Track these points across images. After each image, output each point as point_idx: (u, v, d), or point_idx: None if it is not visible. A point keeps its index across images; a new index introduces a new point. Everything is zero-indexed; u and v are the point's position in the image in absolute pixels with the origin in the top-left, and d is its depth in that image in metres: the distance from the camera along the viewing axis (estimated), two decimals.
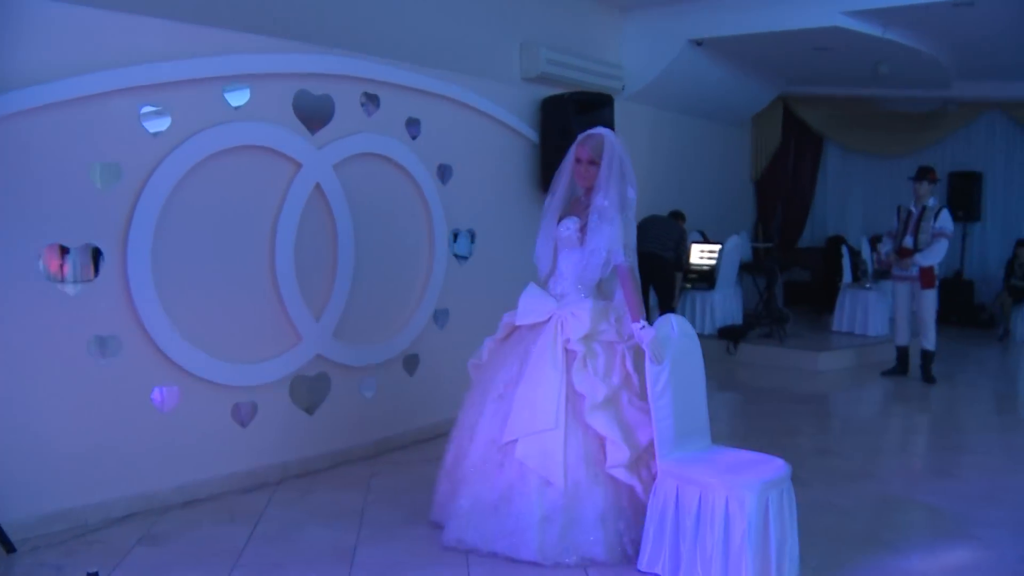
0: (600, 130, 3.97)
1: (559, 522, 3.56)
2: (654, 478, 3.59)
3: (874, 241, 10.87)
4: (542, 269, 4.02)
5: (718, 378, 7.88)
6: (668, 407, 3.59)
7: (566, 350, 3.73)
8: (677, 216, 8.65)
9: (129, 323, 4.15)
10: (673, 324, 3.73)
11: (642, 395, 3.65)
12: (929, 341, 7.52)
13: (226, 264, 4.51)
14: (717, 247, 8.90)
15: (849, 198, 12.34)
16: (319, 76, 4.84)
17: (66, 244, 4.01)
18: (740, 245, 9.17)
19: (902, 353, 7.83)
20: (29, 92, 3.75)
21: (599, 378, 3.66)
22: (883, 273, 10.19)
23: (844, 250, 9.34)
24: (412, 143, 5.43)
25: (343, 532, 4.02)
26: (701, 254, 8.99)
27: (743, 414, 6.78)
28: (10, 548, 3.69)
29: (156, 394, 4.32)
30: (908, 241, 7.48)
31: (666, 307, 7.83)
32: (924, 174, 7.52)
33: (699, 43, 8.71)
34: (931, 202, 7.51)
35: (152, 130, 4.20)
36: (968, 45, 8.68)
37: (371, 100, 5.17)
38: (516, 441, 3.65)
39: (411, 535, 3.98)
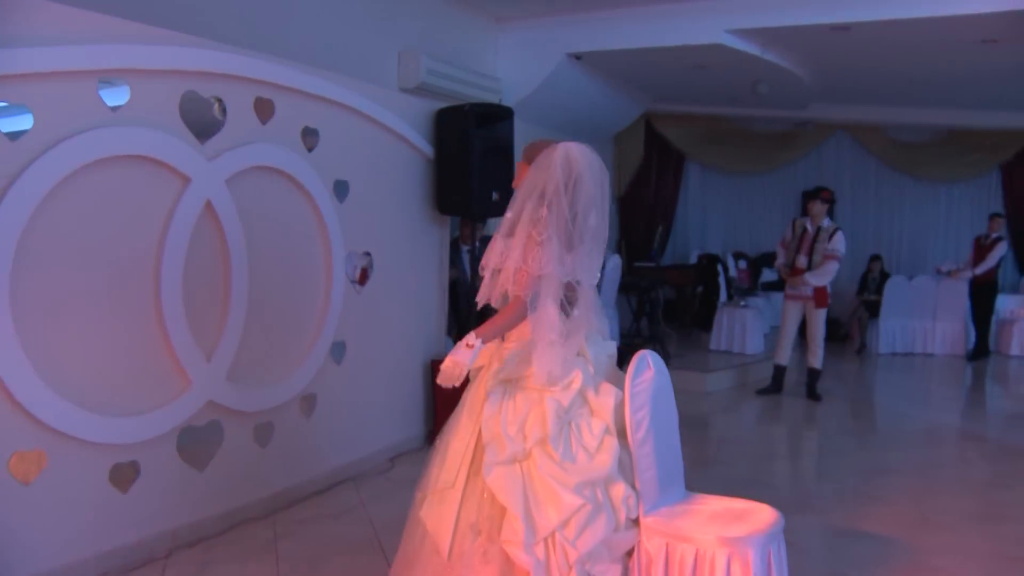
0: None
1: None
2: (571, 569, 2.97)
3: (737, 257, 11.10)
4: None
5: None
6: (651, 456, 3.18)
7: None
8: None
9: None
10: (648, 361, 3.34)
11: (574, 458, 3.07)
12: (817, 359, 7.59)
13: (102, 297, 3.73)
14: None
15: (709, 215, 12.56)
16: (209, 75, 4.14)
17: None
18: (620, 265, 9.00)
19: (780, 372, 7.85)
20: None
21: (508, 430, 3.05)
22: (747, 291, 10.40)
23: (720, 268, 9.39)
24: (309, 156, 4.81)
25: None
26: None
27: None
28: None
29: (15, 461, 3.49)
30: (802, 261, 7.50)
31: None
32: (817, 194, 7.60)
33: (578, 57, 8.48)
34: (826, 222, 7.59)
35: (7, 129, 3.40)
36: (833, 69, 8.93)
37: (266, 105, 4.51)
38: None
39: None
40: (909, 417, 7.25)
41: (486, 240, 6.74)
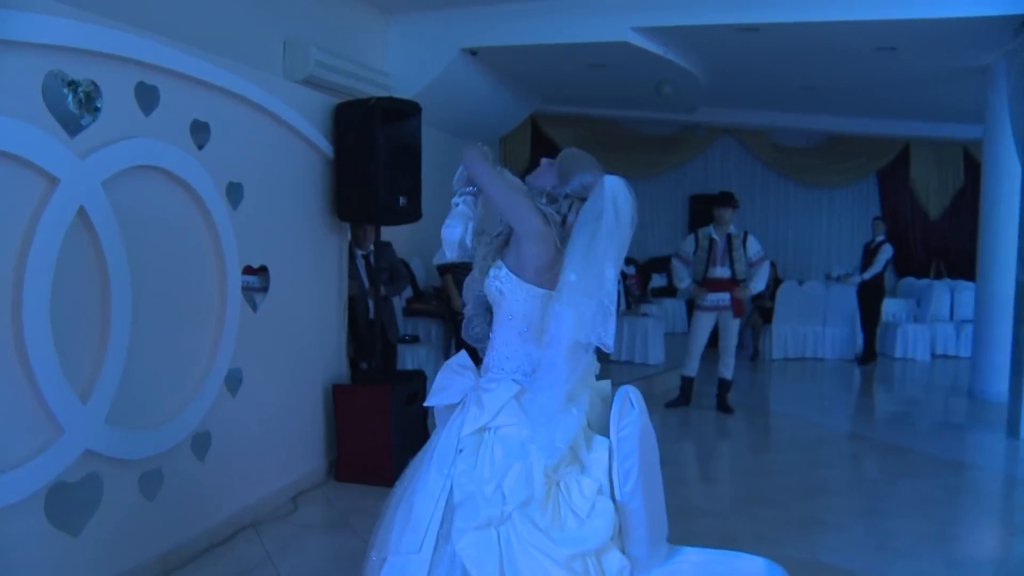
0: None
1: None
2: None
3: (626, 263, 10.87)
4: None
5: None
6: (640, 512, 2.69)
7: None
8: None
9: None
10: (631, 399, 2.87)
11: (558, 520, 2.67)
12: (729, 370, 7.38)
13: None
14: None
15: None
16: (80, 52, 3.38)
17: None
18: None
19: (688, 383, 7.61)
20: None
21: (484, 489, 2.56)
22: (639, 298, 10.18)
23: (618, 276, 9.09)
24: (199, 154, 4.10)
25: None
26: None
27: None
28: None
29: None
30: (722, 272, 7.27)
31: None
32: (727, 200, 7.38)
33: (474, 52, 8.01)
34: (732, 228, 7.38)
35: None
36: (729, 71, 8.82)
37: (149, 93, 3.77)
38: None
39: None
40: (824, 427, 7.16)
41: (382, 245, 6.16)
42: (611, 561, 2.60)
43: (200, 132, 4.12)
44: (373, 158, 5.20)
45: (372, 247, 6.11)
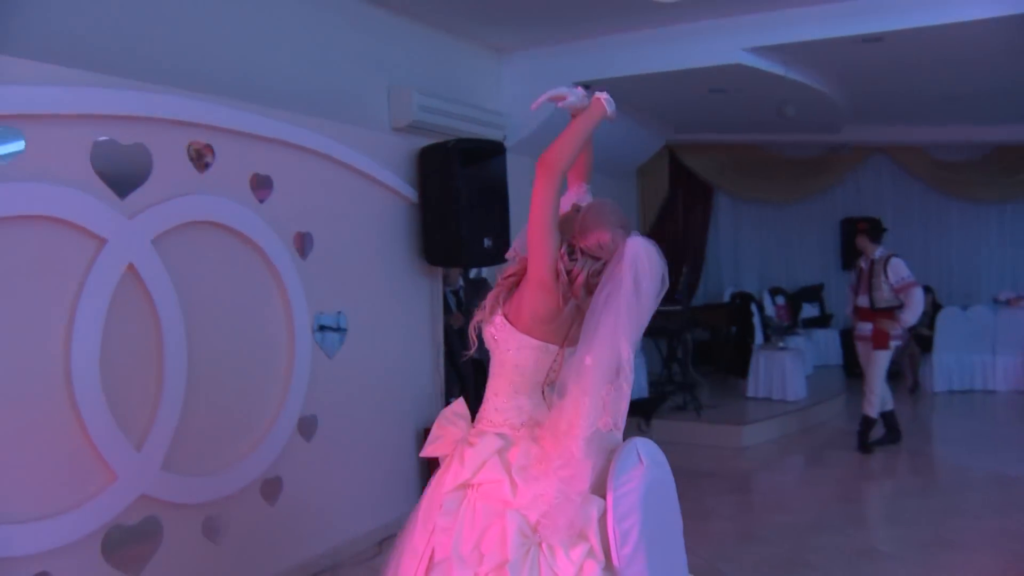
0: None
1: None
2: None
3: (774, 293, 10.33)
4: None
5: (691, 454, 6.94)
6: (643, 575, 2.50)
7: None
8: None
9: None
10: (639, 453, 2.64)
11: None
12: (871, 406, 6.81)
13: None
14: None
15: (742, 250, 11.80)
16: (129, 119, 3.60)
17: None
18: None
19: (886, 418, 7.04)
20: None
21: (460, 549, 2.40)
22: (787, 329, 9.62)
23: (754, 308, 8.63)
24: (260, 207, 4.24)
25: None
26: None
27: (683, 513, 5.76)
28: None
29: None
30: (863, 300, 6.86)
31: None
32: (855, 227, 6.99)
33: (587, 86, 7.86)
34: (878, 253, 6.90)
35: None
36: (865, 87, 8.23)
37: (204, 152, 3.96)
38: None
39: None
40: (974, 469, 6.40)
41: (473, 283, 6.13)
42: None
43: (262, 185, 4.27)
44: (454, 200, 5.22)
45: (461, 285, 6.10)
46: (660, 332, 8.59)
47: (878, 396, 6.84)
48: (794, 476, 6.48)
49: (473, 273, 6.29)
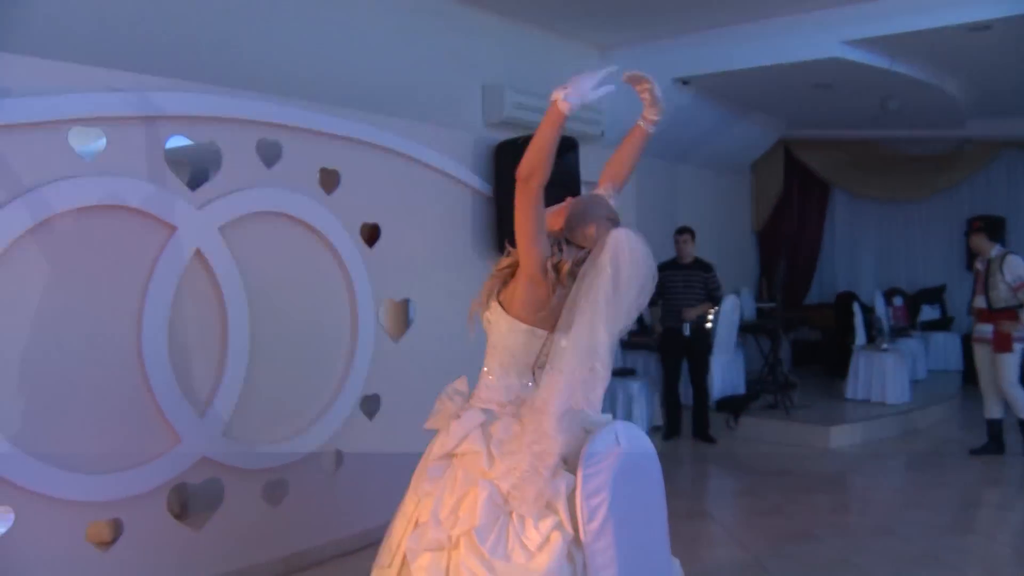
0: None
1: None
2: None
3: (892, 294, 9.94)
4: None
5: (716, 458, 6.92)
6: (609, 552, 2.56)
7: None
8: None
9: None
10: (618, 436, 2.77)
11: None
12: (1020, 410, 6.54)
13: (76, 352, 3.62)
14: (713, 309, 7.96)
15: (859, 249, 11.40)
16: (200, 119, 4.01)
17: None
18: (739, 305, 8.21)
19: (992, 429, 6.78)
20: None
21: (439, 512, 2.61)
22: (903, 331, 9.27)
23: (856, 308, 8.37)
24: (327, 199, 4.58)
25: None
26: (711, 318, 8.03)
27: (745, 509, 5.76)
28: None
29: None
30: (980, 301, 6.64)
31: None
32: (968, 225, 6.77)
33: (685, 82, 7.90)
34: (995, 252, 6.64)
35: None
36: (981, 79, 7.83)
37: (271, 148, 4.32)
38: None
39: None
40: None
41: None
42: None
43: (329, 178, 4.60)
44: None
45: None
46: (760, 330, 8.51)
47: (1020, 399, 6.53)
48: (871, 480, 6.29)
49: None
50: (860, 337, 8.25)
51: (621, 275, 2.56)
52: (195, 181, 4.06)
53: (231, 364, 4.11)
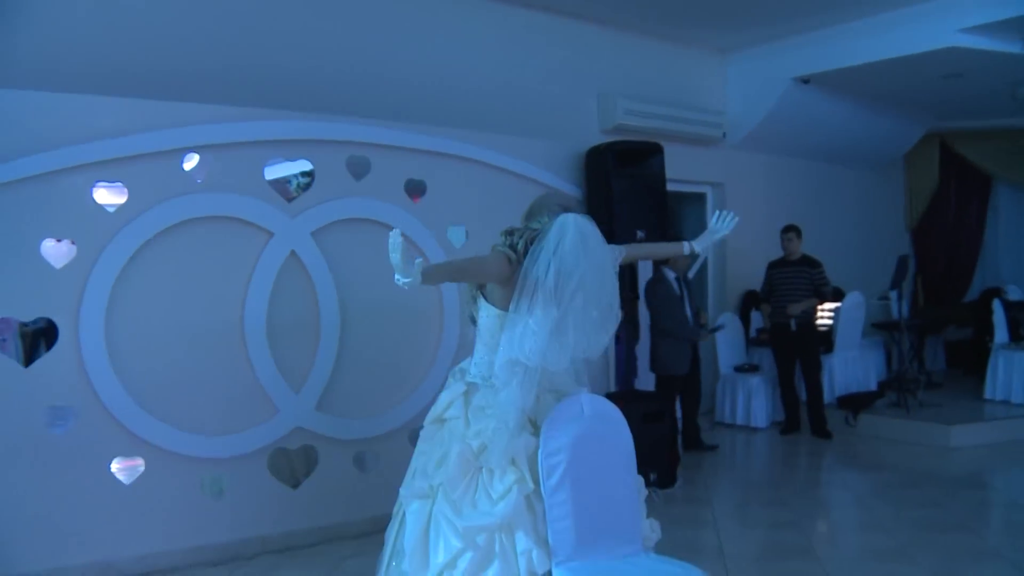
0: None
1: None
2: None
3: None
4: None
5: (833, 453, 6.95)
6: (565, 505, 3.01)
7: None
8: None
9: (85, 394, 4.21)
10: (583, 405, 3.19)
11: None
12: None
13: (191, 335, 4.48)
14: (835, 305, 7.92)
15: None
16: (295, 143, 4.78)
17: (19, 318, 4.16)
18: (863, 303, 8.10)
19: None
20: None
21: (428, 466, 3.17)
22: None
23: (996, 305, 8.01)
24: (413, 206, 5.22)
25: None
26: (825, 314, 8.01)
27: (837, 503, 5.84)
28: None
29: (116, 464, 4.33)
30: None
31: None
32: None
33: (805, 81, 7.92)
34: None
35: (108, 205, 4.28)
36: None
37: (360, 163, 5.02)
38: None
39: None
40: None
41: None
42: (520, 542, 3.01)
43: (415, 188, 5.24)
44: (606, 197, 5.82)
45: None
46: (899, 328, 8.33)
47: None
48: (979, 480, 6.12)
49: None
50: (1001, 335, 7.89)
51: (565, 243, 3.01)
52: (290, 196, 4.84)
53: (323, 348, 4.84)
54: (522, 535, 2.99)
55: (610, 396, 6.02)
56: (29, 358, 4.26)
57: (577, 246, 3.03)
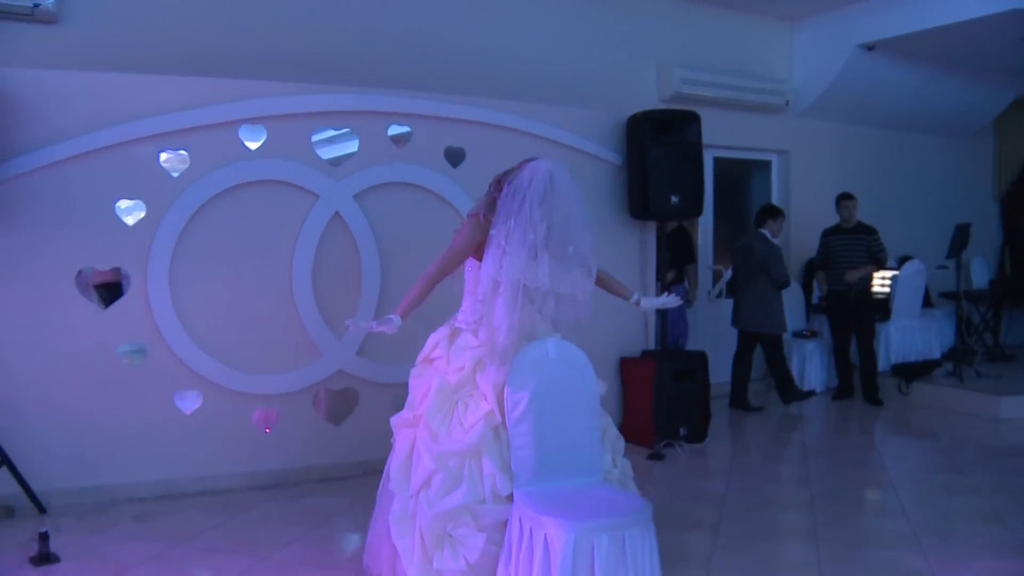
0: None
1: None
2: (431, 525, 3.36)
3: None
4: None
5: (876, 418, 7.04)
6: (526, 436, 3.39)
7: None
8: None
9: (151, 334, 4.88)
10: (548, 348, 3.57)
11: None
12: None
13: (244, 284, 5.07)
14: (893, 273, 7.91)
15: None
16: (341, 114, 5.28)
17: (98, 267, 4.85)
18: (923, 271, 8.04)
19: None
20: (64, 145, 4.64)
21: (415, 399, 3.67)
22: None
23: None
24: (453, 172, 5.65)
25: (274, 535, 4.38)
26: (881, 282, 8.02)
27: (848, 461, 5.97)
28: (41, 509, 4.56)
29: (178, 396, 4.99)
30: None
31: None
32: None
33: (870, 48, 7.89)
34: None
35: (172, 170, 4.91)
36: None
37: (401, 131, 5.49)
38: None
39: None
40: None
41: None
42: (486, 466, 3.43)
43: (454, 155, 5.67)
44: (643, 164, 6.10)
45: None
46: (978, 299, 8.26)
47: None
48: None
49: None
50: None
51: (533, 186, 3.41)
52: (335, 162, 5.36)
53: (364, 298, 5.36)
54: (488, 461, 3.39)
55: (645, 354, 6.39)
56: (106, 303, 4.94)
57: (545, 181, 3.42)
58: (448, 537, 3.38)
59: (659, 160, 6.08)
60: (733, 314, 7.43)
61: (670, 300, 4.18)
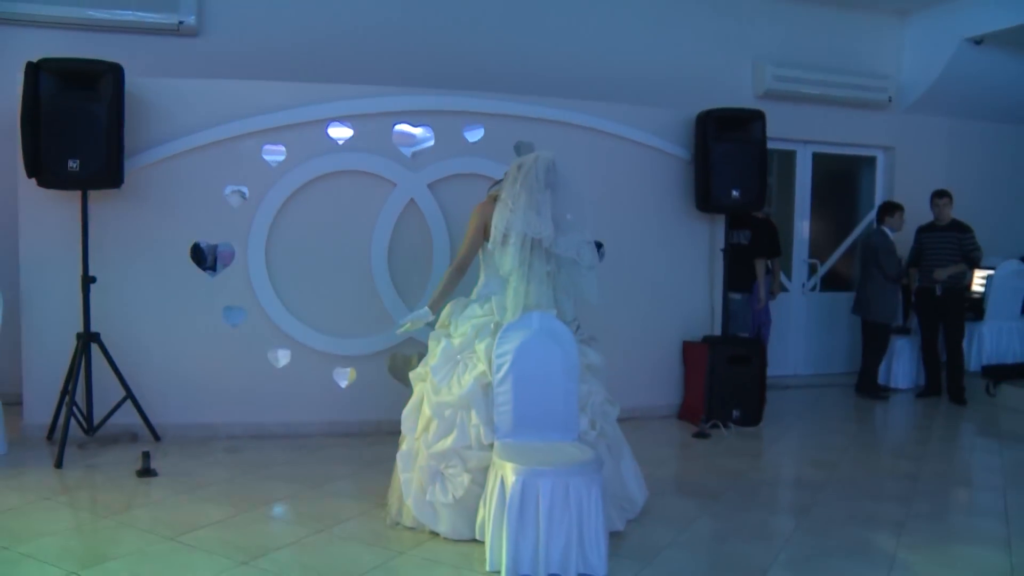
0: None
1: None
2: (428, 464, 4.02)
3: None
4: None
5: (957, 417, 7.05)
6: (507, 394, 3.95)
7: None
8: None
9: (250, 300, 5.80)
10: (533, 320, 4.12)
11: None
12: None
13: (329, 260, 5.90)
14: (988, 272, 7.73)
15: None
16: (419, 112, 6.00)
17: (210, 242, 5.84)
18: (1021, 272, 7.79)
19: None
20: (183, 140, 5.62)
21: (429, 359, 4.27)
22: None
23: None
24: None
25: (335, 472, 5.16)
26: (979, 281, 7.87)
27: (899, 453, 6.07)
28: (156, 437, 5.58)
29: (270, 353, 5.91)
30: None
31: None
32: None
33: (978, 41, 7.75)
34: None
35: (271, 161, 5.81)
36: None
37: (473, 128, 6.14)
38: None
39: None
40: None
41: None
42: (473, 418, 4.06)
43: (524, 149, 6.24)
44: (705, 159, 6.44)
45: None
46: None
47: None
48: None
49: None
50: None
51: (515, 172, 4.12)
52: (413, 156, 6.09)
53: (435, 277, 6.05)
54: (475, 413, 4.00)
55: (705, 339, 6.73)
56: (215, 271, 5.93)
57: (548, 161, 4.15)
58: (440, 475, 4.03)
59: (722, 156, 6.40)
60: (853, 303, 8.06)
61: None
